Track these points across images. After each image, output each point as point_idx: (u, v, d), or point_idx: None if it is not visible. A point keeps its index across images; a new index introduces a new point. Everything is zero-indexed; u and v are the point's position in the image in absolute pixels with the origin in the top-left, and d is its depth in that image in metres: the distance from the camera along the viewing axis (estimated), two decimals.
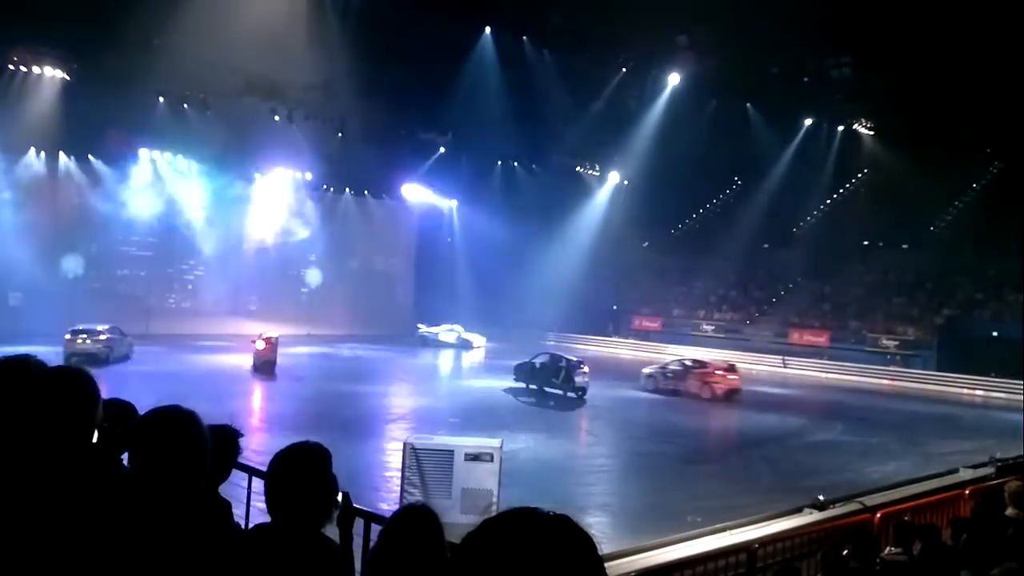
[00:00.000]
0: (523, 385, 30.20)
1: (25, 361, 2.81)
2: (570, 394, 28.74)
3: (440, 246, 55.00)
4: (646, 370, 33.20)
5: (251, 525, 3.27)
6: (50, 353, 3.25)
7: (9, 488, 2.36)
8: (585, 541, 1.29)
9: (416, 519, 2.91)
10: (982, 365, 38.67)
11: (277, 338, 32.89)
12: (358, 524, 3.39)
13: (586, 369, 29.36)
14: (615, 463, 19.80)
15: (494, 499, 13.23)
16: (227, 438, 3.60)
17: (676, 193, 52.76)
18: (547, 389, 29.31)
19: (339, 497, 3.01)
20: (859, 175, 57.65)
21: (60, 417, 2.51)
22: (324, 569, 2.71)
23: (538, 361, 30.50)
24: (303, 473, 2.74)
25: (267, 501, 2.76)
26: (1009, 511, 7.20)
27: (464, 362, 42.16)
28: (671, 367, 32.96)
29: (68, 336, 29.31)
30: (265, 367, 31.17)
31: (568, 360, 29.92)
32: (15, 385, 2.59)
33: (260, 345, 32.00)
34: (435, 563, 2.79)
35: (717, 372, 31.70)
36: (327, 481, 2.79)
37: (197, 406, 2.55)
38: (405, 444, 13.78)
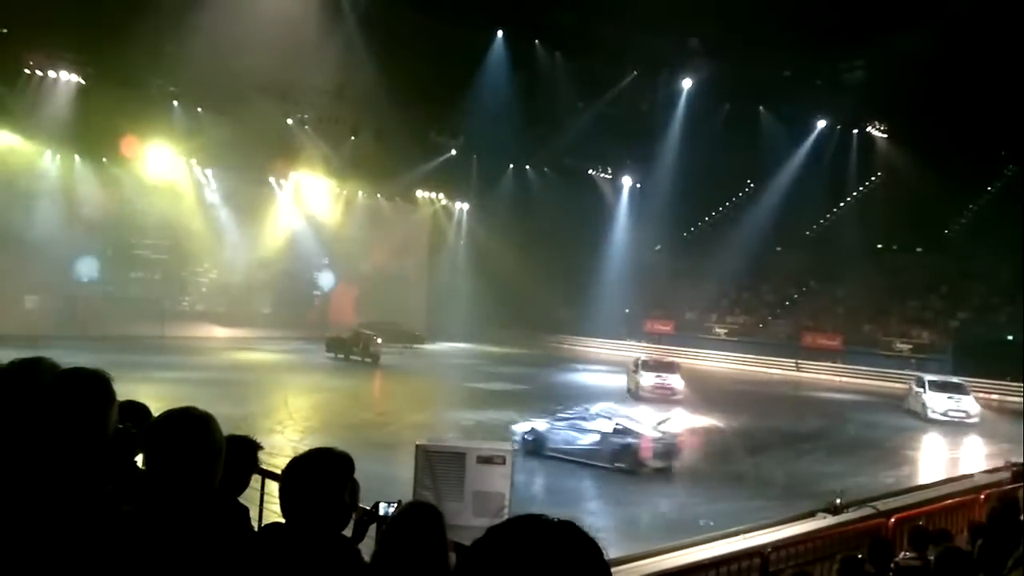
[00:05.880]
0: (333, 355, 37.58)
1: (38, 363, 2.82)
2: (367, 359, 36.62)
3: (452, 249, 55.09)
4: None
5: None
6: (63, 356, 3.26)
7: (24, 489, 2.37)
8: (591, 547, 1.30)
9: (418, 515, 2.91)
10: (997, 369, 38.33)
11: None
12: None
13: (380, 341, 37.43)
14: None
15: (506, 502, 13.21)
16: (246, 449, 3.62)
17: (689, 196, 52.59)
18: (351, 357, 36.98)
19: (363, 505, 3.04)
20: (873, 178, 57.38)
21: (75, 418, 2.52)
22: (337, 570, 2.72)
23: (344, 336, 38.33)
24: (321, 481, 2.74)
25: (282, 506, 2.76)
26: None
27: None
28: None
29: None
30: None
31: (367, 334, 37.66)
32: (29, 387, 2.60)
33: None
34: (437, 558, 2.79)
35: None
36: (343, 490, 2.79)
37: None
38: (417, 447, 13.76)
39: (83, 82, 36.77)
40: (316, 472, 2.75)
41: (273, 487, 5.32)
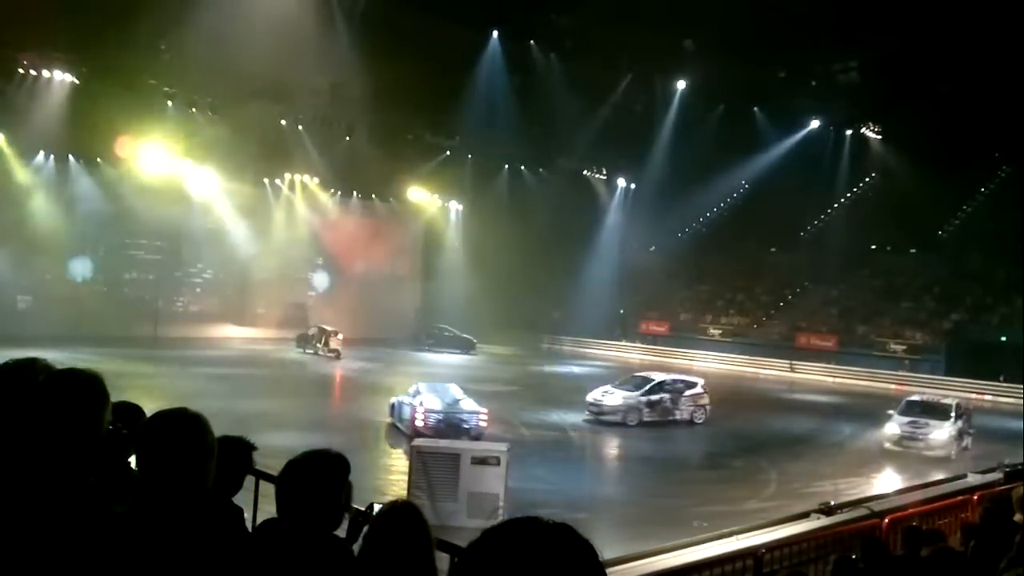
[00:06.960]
0: (301, 350, 39.50)
1: (33, 364, 2.82)
2: (328, 354, 37.98)
3: (447, 249, 55.03)
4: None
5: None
6: (58, 356, 3.26)
7: (17, 490, 2.37)
8: (587, 550, 1.30)
9: (398, 515, 2.92)
10: (990, 370, 38.47)
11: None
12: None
13: (340, 337, 38.62)
14: None
15: (500, 503, 13.20)
16: (240, 450, 3.61)
17: (683, 197, 52.65)
18: (318, 353, 38.41)
19: (357, 506, 3.04)
20: (867, 179, 57.53)
21: (68, 419, 2.51)
22: (328, 569, 2.72)
23: (309, 332, 40.43)
24: (318, 482, 2.75)
25: (278, 506, 2.77)
26: (1017, 517, 7.16)
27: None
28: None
29: None
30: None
31: (328, 330, 39.02)
32: (23, 387, 2.59)
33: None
34: (420, 557, 2.80)
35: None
36: (340, 491, 2.80)
37: None
38: (412, 448, 13.76)
39: (77, 82, 36.66)
40: (314, 473, 2.76)
41: (267, 488, 5.32)
